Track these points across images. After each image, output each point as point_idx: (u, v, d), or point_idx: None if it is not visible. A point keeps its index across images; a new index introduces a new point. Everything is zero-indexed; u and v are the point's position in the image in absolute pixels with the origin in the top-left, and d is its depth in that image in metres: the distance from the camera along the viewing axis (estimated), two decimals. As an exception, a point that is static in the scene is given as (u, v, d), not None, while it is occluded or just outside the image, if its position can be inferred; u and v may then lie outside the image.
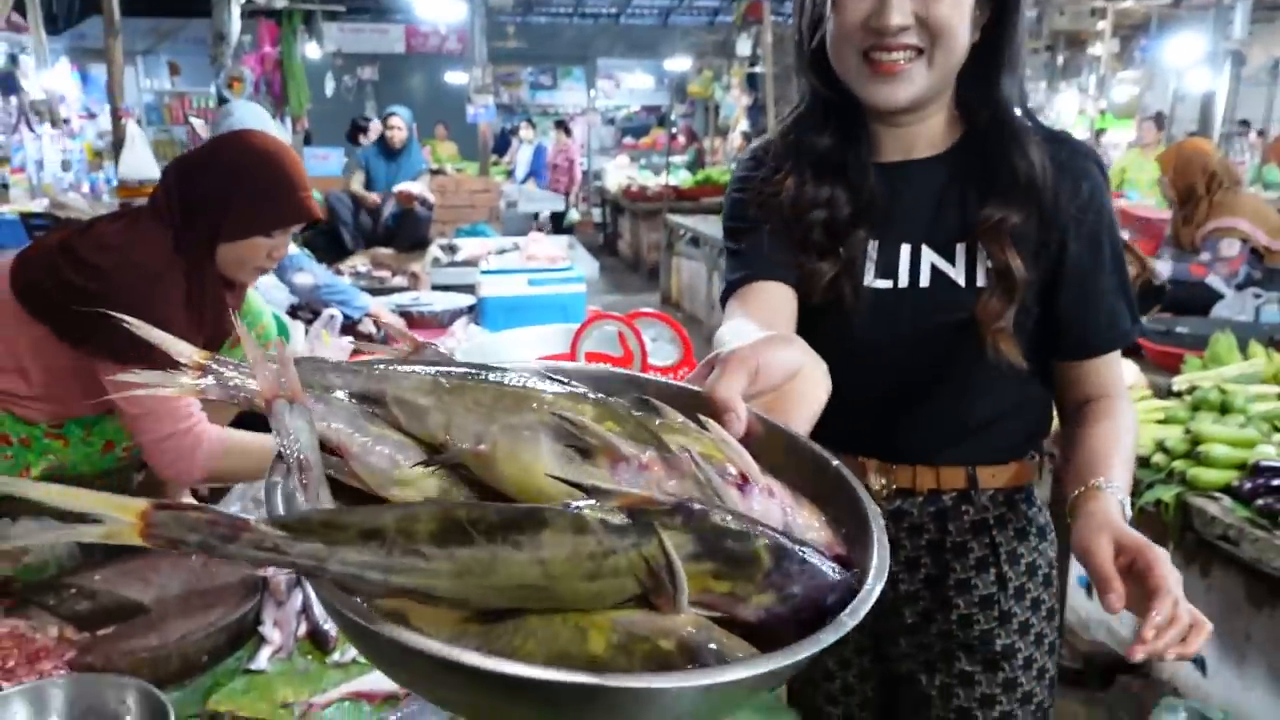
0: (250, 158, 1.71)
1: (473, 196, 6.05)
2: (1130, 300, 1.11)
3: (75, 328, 1.60)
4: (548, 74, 16.19)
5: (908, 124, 1.11)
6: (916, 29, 1.01)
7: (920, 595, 1.18)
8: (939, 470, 1.14)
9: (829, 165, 1.13)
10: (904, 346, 1.11)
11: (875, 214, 1.11)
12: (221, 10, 4.44)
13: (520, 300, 2.97)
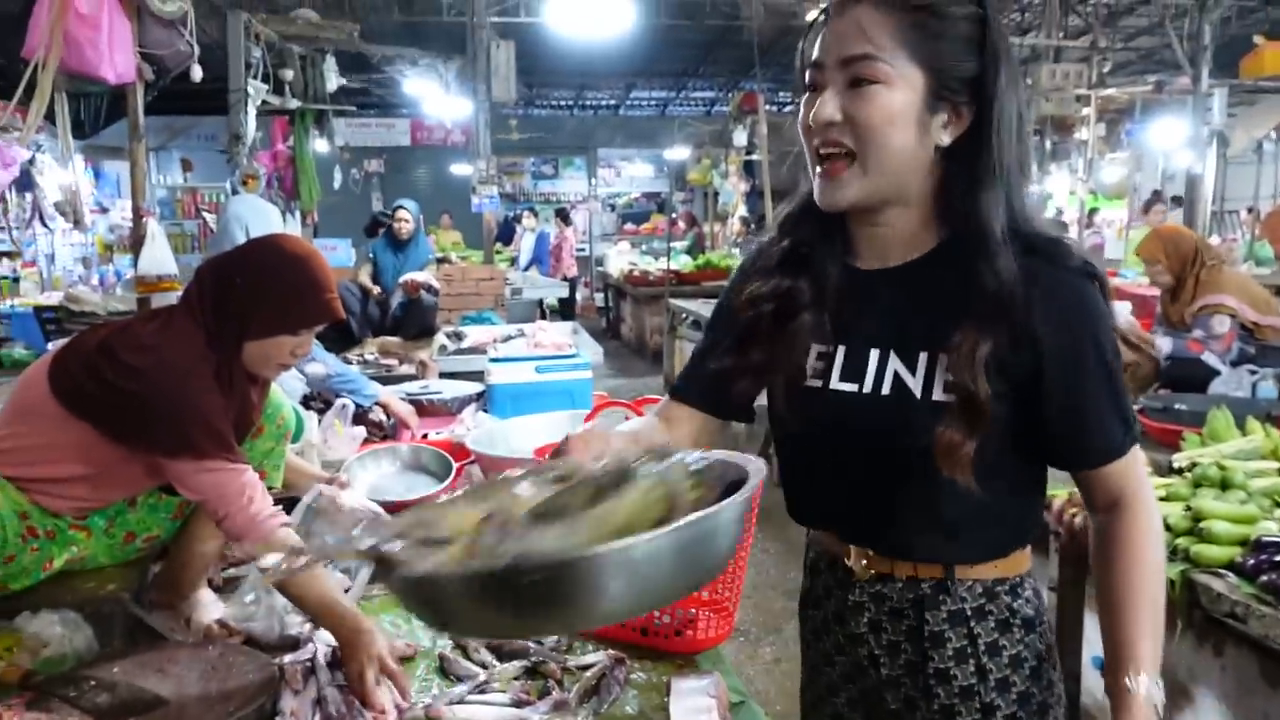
0: (279, 260, 1.80)
1: (478, 284, 6.16)
2: (1124, 409, 1.07)
3: (120, 426, 1.68)
4: (549, 163, 16.64)
5: (876, 225, 1.10)
6: (845, 128, 1.01)
7: (902, 681, 1.15)
8: (915, 562, 1.13)
9: (795, 259, 1.15)
10: (867, 448, 1.10)
11: (844, 315, 1.12)
12: (238, 112, 4.63)
13: (528, 387, 3.03)
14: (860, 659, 1.18)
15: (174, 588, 1.90)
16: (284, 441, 2.00)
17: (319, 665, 1.58)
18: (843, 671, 1.22)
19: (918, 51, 1.00)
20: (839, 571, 1.19)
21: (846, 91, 1.02)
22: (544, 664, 1.64)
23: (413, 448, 2.61)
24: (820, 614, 1.24)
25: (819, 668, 1.26)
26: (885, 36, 1.00)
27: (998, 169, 1.02)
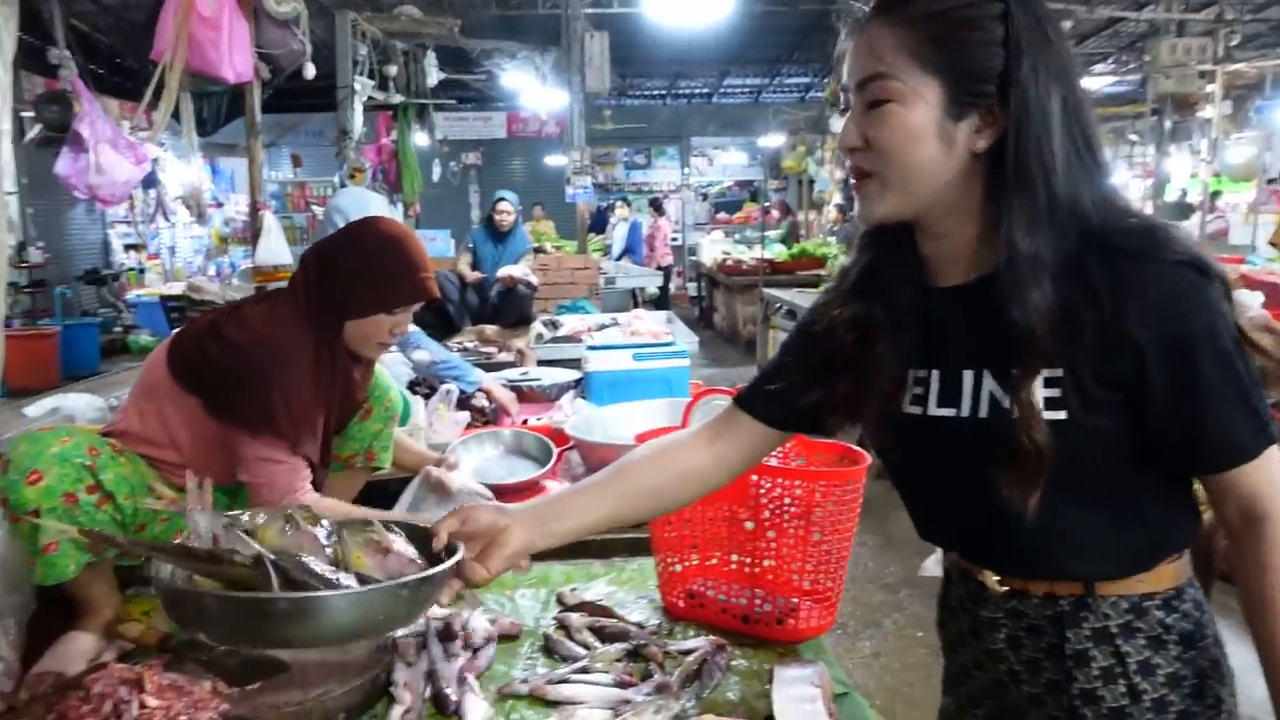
0: (377, 242, 1.86)
1: (573, 273, 6.25)
2: (1254, 406, 0.97)
3: (219, 400, 1.77)
4: (642, 153, 16.69)
5: (936, 239, 1.06)
6: (866, 152, 1.00)
7: (1044, 700, 1.09)
8: (1049, 580, 1.07)
9: (874, 280, 1.11)
10: (975, 474, 1.03)
11: (932, 337, 1.07)
12: (346, 108, 4.80)
13: (625, 375, 3.05)
14: (999, 674, 1.13)
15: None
16: (392, 424, 2.07)
17: (430, 639, 1.63)
18: (981, 685, 1.17)
19: (930, 61, 0.96)
20: (971, 584, 1.15)
21: (865, 114, 0.99)
22: (645, 647, 1.66)
23: (515, 433, 2.67)
24: (956, 625, 1.20)
25: (958, 678, 1.22)
26: (894, 53, 0.96)
27: (1035, 168, 0.95)
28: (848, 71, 1.03)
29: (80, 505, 1.66)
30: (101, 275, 10.52)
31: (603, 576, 2.06)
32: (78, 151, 2.53)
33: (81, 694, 1.43)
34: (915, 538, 1.25)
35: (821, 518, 1.67)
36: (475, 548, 1.21)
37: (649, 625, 1.78)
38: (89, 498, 1.67)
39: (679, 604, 1.84)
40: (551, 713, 1.49)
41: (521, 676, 1.61)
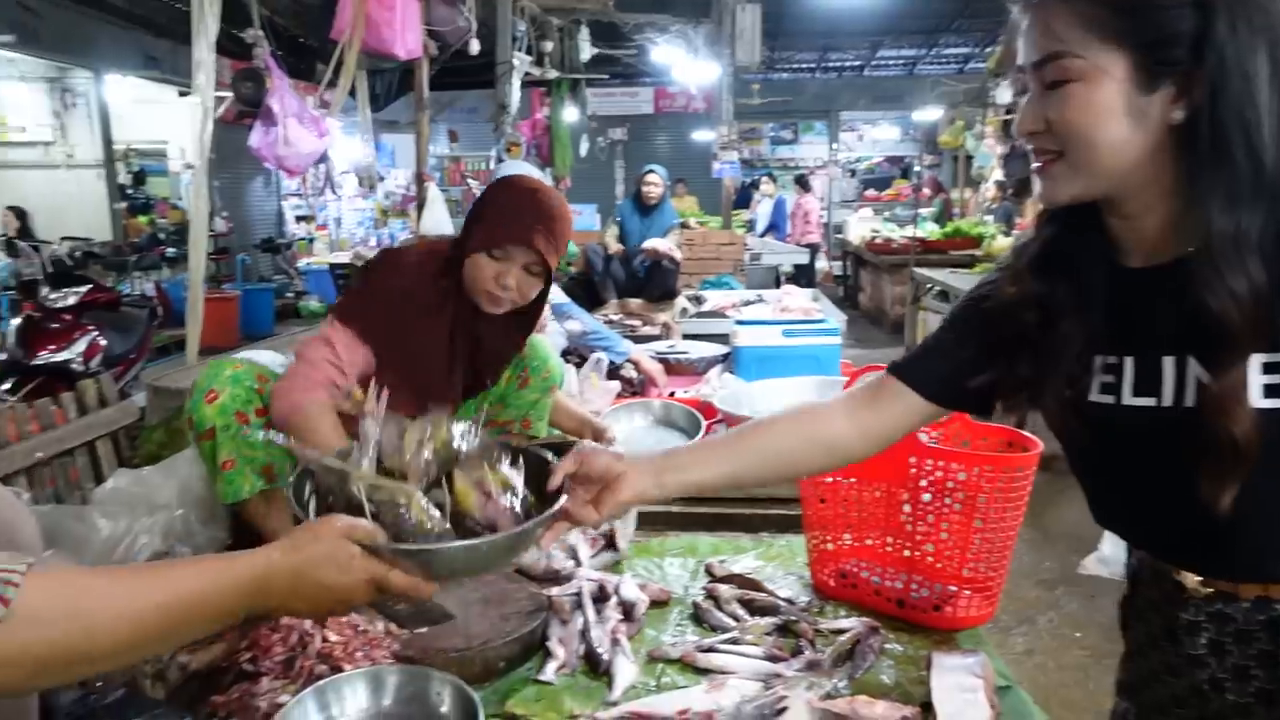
0: (505, 188, 1.90)
1: (718, 249, 6.22)
2: None
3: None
4: (789, 128, 16.38)
5: (1128, 218, 0.99)
6: (1048, 134, 0.95)
7: (1253, 711, 1.01)
8: (1265, 582, 0.98)
9: (1056, 259, 1.04)
10: (1179, 468, 0.96)
11: (1124, 321, 1.00)
12: (505, 84, 4.93)
13: (775, 351, 3.02)
14: (1198, 683, 1.04)
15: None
16: (549, 394, 2.09)
17: (585, 601, 1.68)
18: (1174, 692, 1.09)
19: (1113, 34, 0.89)
20: (1167, 585, 1.06)
21: (1044, 95, 0.93)
22: (796, 623, 1.65)
23: (664, 404, 2.69)
24: (1145, 628, 1.13)
25: (1145, 682, 1.14)
26: (1072, 28, 0.90)
27: (1237, 136, 0.87)
28: (1022, 53, 0.97)
29: (251, 425, 1.78)
30: (276, 244, 11.31)
31: (751, 550, 2.06)
32: (268, 125, 2.74)
33: (271, 625, 1.56)
34: (1073, 532, 1.18)
35: (986, 504, 1.60)
36: (590, 491, 1.20)
37: (799, 602, 1.76)
38: (258, 420, 1.78)
39: (829, 583, 1.81)
40: (700, 680, 1.51)
41: (671, 642, 1.63)
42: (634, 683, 1.50)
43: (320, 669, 1.44)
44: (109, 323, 4.89)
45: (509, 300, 1.83)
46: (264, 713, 1.36)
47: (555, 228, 1.81)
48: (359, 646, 1.49)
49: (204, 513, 1.82)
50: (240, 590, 0.85)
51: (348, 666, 1.44)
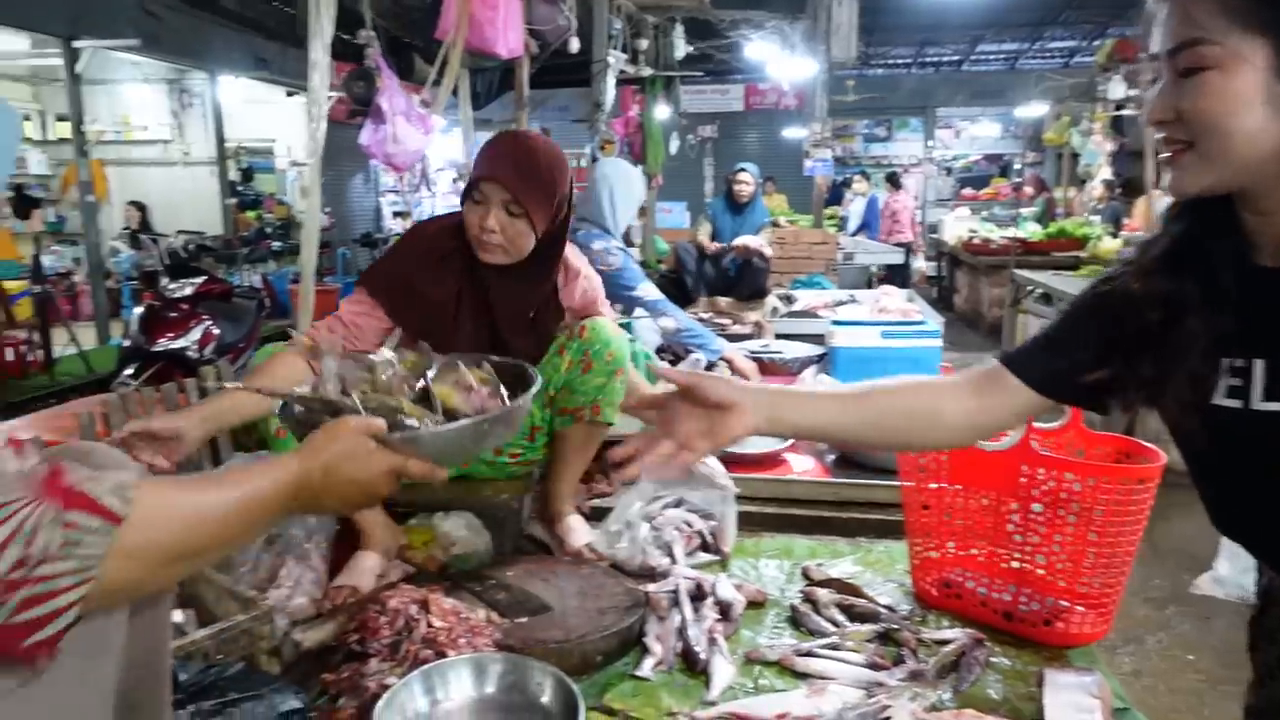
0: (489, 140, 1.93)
1: (810, 248, 6.13)
2: None
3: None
4: (882, 125, 16.05)
5: (1264, 214, 0.94)
6: (1178, 124, 0.91)
7: None
8: None
9: (1184, 255, 1.00)
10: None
11: (1257, 322, 0.94)
12: (600, 82, 4.97)
13: (872, 352, 2.95)
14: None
15: (549, 510, 2.10)
16: (615, 378, 1.97)
17: (682, 598, 1.68)
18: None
19: (1255, 19, 0.85)
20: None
21: (1177, 83, 0.89)
22: (898, 631, 1.61)
23: (759, 403, 2.67)
24: (1278, 651, 1.08)
25: (1277, 707, 1.09)
26: (1212, 15, 0.86)
27: None
28: (1156, 40, 0.93)
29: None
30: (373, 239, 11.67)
31: (848, 555, 2.03)
32: (377, 123, 2.83)
33: (378, 607, 1.60)
34: (1185, 549, 1.12)
35: (1102, 517, 1.54)
36: (703, 420, 1.16)
37: (900, 610, 1.72)
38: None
39: (932, 592, 1.76)
40: (799, 684, 1.49)
41: (768, 644, 1.62)
42: (731, 683, 1.49)
43: (425, 653, 1.48)
44: (222, 313, 5.12)
45: (496, 245, 1.82)
46: (372, 693, 1.40)
47: (530, 167, 1.79)
48: (461, 633, 1.52)
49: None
50: (286, 492, 0.93)
51: (451, 652, 1.47)
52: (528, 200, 1.78)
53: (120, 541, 0.75)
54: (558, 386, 1.98)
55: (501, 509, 2.03)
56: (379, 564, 1.86)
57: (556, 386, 1.98)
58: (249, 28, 9.39)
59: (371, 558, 1.85)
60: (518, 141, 1.88)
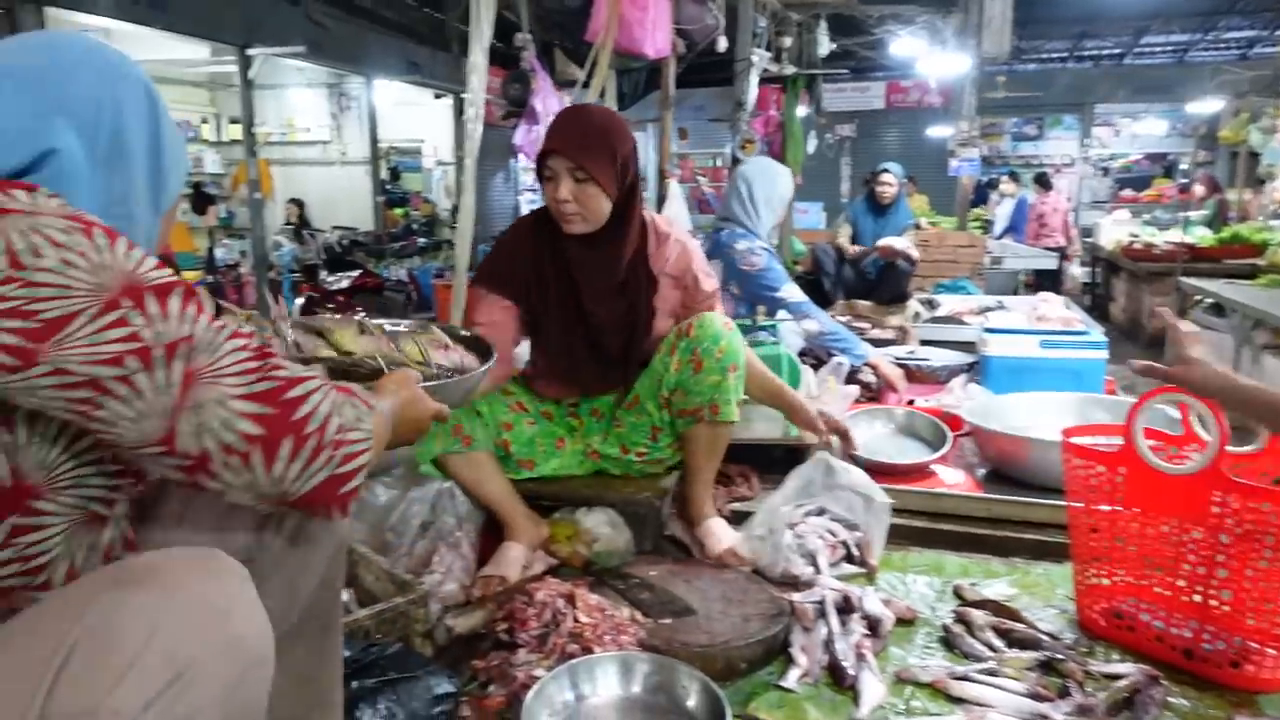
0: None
1: (956, 251, 5.89)
2: None
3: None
4: (1033, 123, 15.24)
5: None
6: None
7: None
8: None
9: None
10: None
11: None
12: (743, 81, 4.93)
13: (1029, 363, 2.80)
14: None
15: (688, 511, 2.08)
16: (729, 374, 1.92)
17: (829, 610, 1.63)
18: None
19: None
20: None
21: None
22: (1062, 662, 1.51)
23: (908, 412, 2.57)
24: None
25: None
26: None
27: None
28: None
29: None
30: (512, 237, 11.97)
31: (1003, 576, 1.93)
32: (531, 124, 2.90)
33: (526, 598, 1.64)
34: None
35: (1304, 553, 1.39)
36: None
37: (1063, 638, 1.62)
38: None
39: (1099, 621, 1.65)
40: (954, 709, 1.42)
41: (920, 664, 1.56)
42: (881, 702, 1.44)
43: (571, 647, 1.50)
44: (374, 305, 5.39)
45: (573, 213, 1.87)
46: (520, 683, 1.43)
47: (587, 133, 1.86)
48: (606, 630, 1.53)
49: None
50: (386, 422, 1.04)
51: (597, 648, 1.48)
52: (590, 164, 1.84)
53: (374, 421, 0.94)
54: (671, 387, 1.96)
55: (642, 507, 2.04)
56: (525, 555, 1.90)
57: (670, 387, 1.96)
58: (403, 34, 9.83)
59: (518, 549, 1.89)
60: (574, 113, 1.99)
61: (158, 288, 0.80)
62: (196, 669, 0.74)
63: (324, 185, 10.57)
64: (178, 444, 0.79)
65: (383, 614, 1.53)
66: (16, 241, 0.75)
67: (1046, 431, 2.25)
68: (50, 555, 0.84)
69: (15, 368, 0.73)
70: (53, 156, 0.85)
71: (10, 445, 0.79)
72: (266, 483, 0.83)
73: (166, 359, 0.78)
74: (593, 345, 2.01)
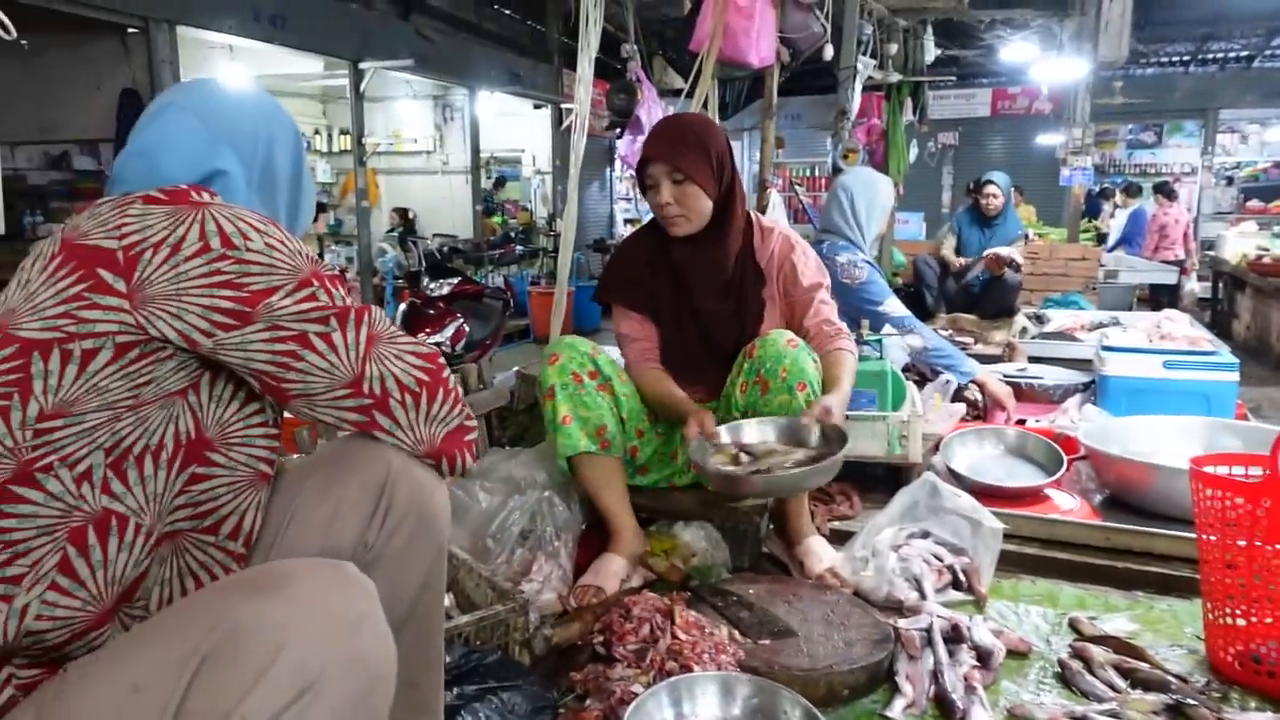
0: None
1: (1067, 264, 5.64)
2: None
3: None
4: (1151, 130, 14.52)
5: None
6: None
7: None
8: None
9: None
10: None
11: None
12: (846, 89, 4.84)
13: (1152, 384, 2.64)
14: None
15: (786, 530, 2.04)
16: (799, 393, 1.85)
17: (936, 638, 1.57)
18: None
19: None
20: None
21: None
22: (1194, 707, 1.41)
23: (1019, 433, 2.47)
24: None
25: None
26: None
27: None
28: None
29: (584, 385, 1.93)
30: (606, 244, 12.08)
31: (1124, 610, 1.82)
32: (635, 134, 2.91)
33: (623, 612, 1.63)
34: None
35: None
36: None
37: (1193, 681, 1.52)
38: (591, 381, 1.94)
39: (1234, 665, 1.54)
40: (1073, 751, 1.35)
41: (1034, 700, 1.48)
42: (993, 739, 1.38)
43: (670, 664, 1.48)
44: (472, 311, 5.50)
45: (677, 215, 1.94)
46: (618, 697, 1.42)
47: (678, 136, 1.93)
48: (705, 648, 1.51)
49: (565, 498, 1.95)
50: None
51: (695, 666, 1.46)
52: (686, 164, 1.90)
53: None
54: (741, 410, 1.95)
55: (741, 522, 2.01)
56: (624, 568, 1.89)
57: (740, 410, 1.95)
58: (505, 46, 10.05)
59: (617, 561, 1.89)
60: (666, 121, 2.07)
61: (332, 278, 0.97)
62: (324, 682, 0.76)
63: (426, 194, 10.89)
64: (364, 386, 0.96)
65: (483, 621, 1.54)
66: (225, 225, 0.90)
67: (1172, 457, 2.13)
68: (219, 502, 0.96)
69: (232, 326, 0.88)
70: (221, 177, 1.02)
71: (196, 404, 0.93)
72: (424, 420, 1.01)
73: (356, 321, 0.96)
74: (706, 340, 2.05)
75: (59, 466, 0.84)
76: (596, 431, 1.92)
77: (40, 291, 0.86)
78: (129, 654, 0.80)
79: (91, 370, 0.85)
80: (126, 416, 0.88)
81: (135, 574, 0.90)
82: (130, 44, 5.71)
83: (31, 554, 0.83)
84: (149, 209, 0.91)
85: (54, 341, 0.84)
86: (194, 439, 0.94)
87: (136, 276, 0.86)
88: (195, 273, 0.87)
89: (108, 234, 0.88)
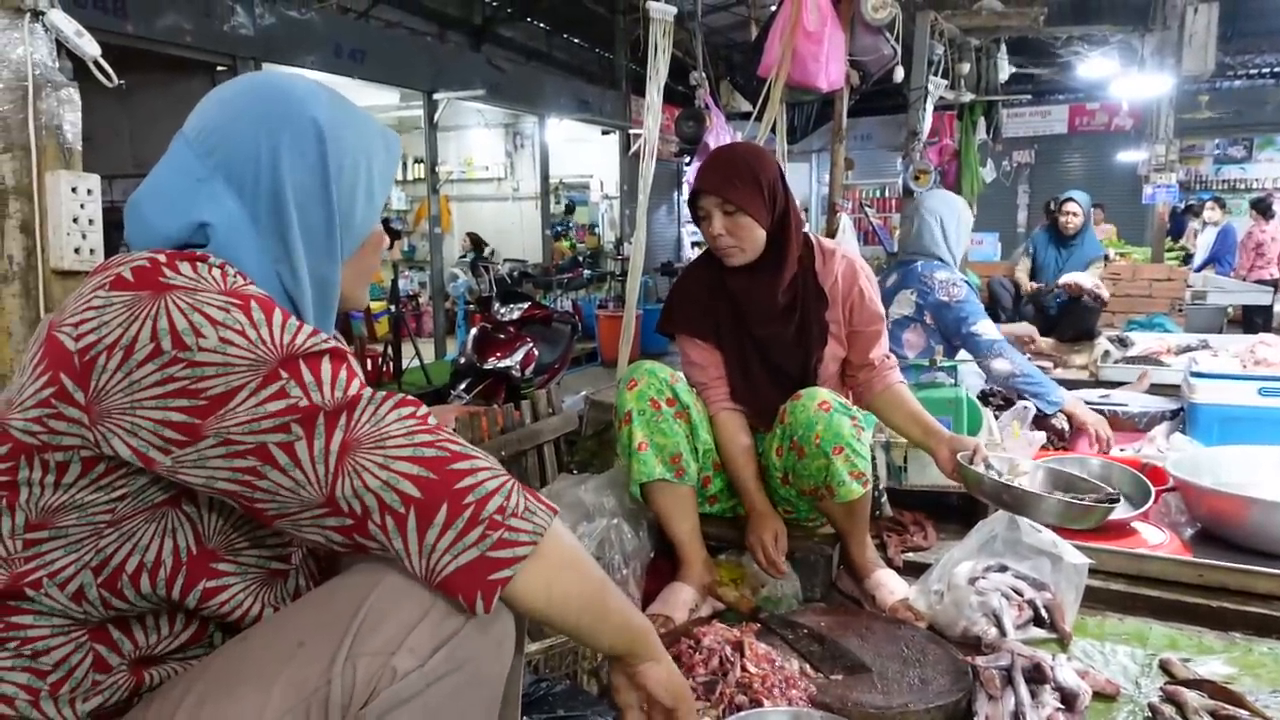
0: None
1: (1151, 285, 5.44)
2: None
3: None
4: (1240, 144, 13.95)
5: None
6: None
7: None
8: None
9: None
10: None
11: None
12: (917, 109, 4.78)
13: (1245, 411, 2.52)
14: None
15: (854, 562, 1.99)
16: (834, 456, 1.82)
17: (1017, 678, 1.51)
18: None
19: None
20: None
21: None
22: (1300, 759, 1.33)
23: (1103, 463, 2.37)
24: None
25: None
26: None
27: None
28: None
29: (662, 412, 1.92)
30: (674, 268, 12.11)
31: (1220, 653, 1.73)
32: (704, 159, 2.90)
33: (692, 642, 1.61)
34: None
35: None
36: None
37: (1299, 733, 1.43)
38: (669, 409, 1.93)
39: (1343, 715, 1.45)
40: (1167, 803, 1.28)
41: (1124, 747, 1.41)
42: (1080, 787, 1.32)
43: (740, 699, 1.46)
44: (541, 335, 5.56)
45: (731, 247, 1.92)
46: (687, 731, 1.40)
47: (728, 167, 1.91)
48: (776, 683, 1.48)
49: (634, 525, 1.95)
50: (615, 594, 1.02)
51: (766, 701, 1.44)
52: (737, 196, 1.88)
53: (553, 527, 0.87)
54: (780, 472, 1.95)
55: (812, 553, 1.98)
56: (693, 597, 1.87)
57: (779, 472, 1.96)
58: (574, 74, 10.23)
59: (687, 590, 1.87)
60: (714, 153, 2.05)
61: (310, 355, 0.82)
62: (460, 639, 0.84)
63: (497, 219, 11.12)
64: (339, 505, 0.80)
65: (551, 649, 1.54)
66: (178, 321, 0.77)
67: (1269, 490, 2.03)
68: (243, 609, 0.91)
69: (185, 442, 0.77)
70: (209, 228, 0.86)
71: (194, 513, 0.86)
72: (417, 550, 0.81)
73: (328, 424, 0.80)
74: (768, 365, 2.03)
75: (49, 584, 0.82)
76: (672, 459, 1.92)
77: (27, 387, 0.80)
78: (288, 622, 0.86)
79: (65, 483, 0.80)
80: (109, 533, 0.82)
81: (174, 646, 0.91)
82: (219, 81, 5.99)
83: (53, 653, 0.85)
84: (111, 297, 0.79)
85: (34, 449, 0.79)
86: (195, 555, 0.86)
87: (92, 386, 0.77)
88: (148, 381, 0.76)
89: (70, 329, 0.79)
